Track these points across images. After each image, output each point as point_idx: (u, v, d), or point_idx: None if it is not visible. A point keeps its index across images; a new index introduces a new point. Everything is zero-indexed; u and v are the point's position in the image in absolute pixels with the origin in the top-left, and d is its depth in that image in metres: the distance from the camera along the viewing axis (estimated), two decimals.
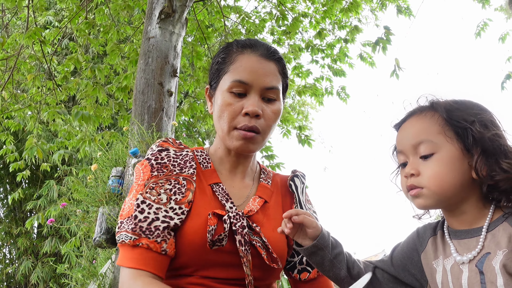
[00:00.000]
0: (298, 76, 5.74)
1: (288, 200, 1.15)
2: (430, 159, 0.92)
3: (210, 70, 1.17)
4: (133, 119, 2.90)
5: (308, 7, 5.47)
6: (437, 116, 0.95)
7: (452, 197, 0.92)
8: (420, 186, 0.93)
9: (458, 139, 0.92)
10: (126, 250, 0.96)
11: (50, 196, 6.77)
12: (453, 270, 0.92)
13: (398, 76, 4.33)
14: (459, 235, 0.94)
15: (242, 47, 1.10)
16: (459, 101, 0.98)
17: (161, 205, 0.98)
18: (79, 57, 4.40)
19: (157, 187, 1.01)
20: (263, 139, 1.08)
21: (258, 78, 1.05)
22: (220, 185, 1.08)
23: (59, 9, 7.01)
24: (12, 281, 8.36)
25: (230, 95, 1.06)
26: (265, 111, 1.06)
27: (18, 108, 5.02)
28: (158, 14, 3.08)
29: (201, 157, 1.13)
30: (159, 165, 1.05)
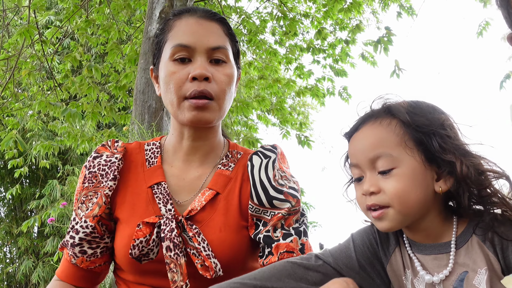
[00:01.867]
0: (299, 77, 5.73)
1: (249, 184, 0.98)
2: (390, 174, 0.81)
3: (151, 48, 1.08)
4: (134, 119, 2.90)
5: (310, 7, 5.47)
6: (394, 123, 0.83)
7: (416, 214, 0.82)
8: (384, 205, 0.81)
9: (420, 149, 0.81)
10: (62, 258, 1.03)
11: (53, 196, 6.77)
12: None
13: (398, 76, 4.32)
14: (424, 250, 0.85)
15: (178, 13, 1.00)
16: (416, 103, 0.86)
17: (88, 217, 0.98)
18: (76, 55, 4.39)
19: (87, 200, 0.98)
20: (220, 106, 0.95)
21: (200, 39, 0.94)
22: (162, 184, 0.97)
23: (60, 8, 7.02)
24: (12, 281, 8.37)
25: (173, 64, 0.94)
26: (215, 74, 0.94)
27: (19, 107, 5.03)
28: (158, 13, 3.08)
29: (150, 151, 1.03)
30: (90, 174, 0.99)
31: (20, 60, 4.57)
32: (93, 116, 4.53)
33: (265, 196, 0.95)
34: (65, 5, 5.16)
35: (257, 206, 0.95)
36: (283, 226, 0.94)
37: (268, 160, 0.99)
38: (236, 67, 1.02)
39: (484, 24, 5.30)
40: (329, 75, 5.65)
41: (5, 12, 5.39)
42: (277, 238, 0.92)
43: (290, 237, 0.93)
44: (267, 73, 5.43)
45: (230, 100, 0.99)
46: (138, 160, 1.02)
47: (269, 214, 0.94)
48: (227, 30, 1.00)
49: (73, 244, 0.96)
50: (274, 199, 0.95)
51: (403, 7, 5.28)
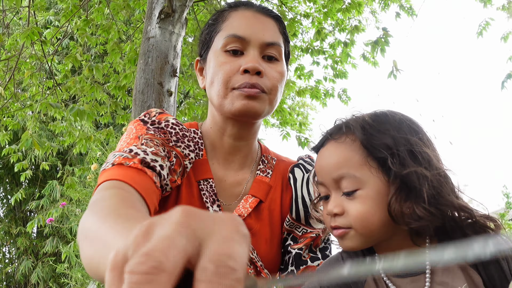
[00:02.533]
0: (299, 78, 5.72)
1: (289, 195, 0.95)
2: (354, 196, 0.77)
3: (199, 40, 0.99)
4: (133, 119, 2.90)
5: (310, 7, 5.47)
6: (357, 142, 0.78)
7: (380, 236, 0.78)
8: (345, 227, 0.77)
9: (384, 170, 0.76)
10: (107, 171, 0.74)
11: (53, 196, 6.77)
12: None
13: (396, 77, 4.32)
14: (400, 273, 0.79)
15: (235, 5, 0.95)
16: (380, 119, 0.80)
17: (158, 156, 0.80)
18: (77, 56, 4.39)
19: (153, 144, 0.82)
20: (271, 100, 0.88)
21: (255, 32, 0.88)
22: (209, 181, 0.90)
23: (59, 9, 7.02)
24: (11, 281, 8.36)
25: (224, 54, 0.88)
26: (268, 70, 0.88)
27: (19, 108, 5.02)
28: (158, 14, 3.07)
29: (193, 140, 0.93)
30: (154, 127, 0.87)
31: (20, 60, 4.56)
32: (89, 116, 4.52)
33: (304, 212, 0.93)
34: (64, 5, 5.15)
35: (293, 221, 0.93)
36: (311, 247, 0.93)
37: (309, 174, 0.97)
38: (287, 66, 0.98)
39: (484, 24, 5.29)
40: (329, 76, 5.64)
41: (5, 12, 5.39)
42: (305, 259, 0.91)
43: (317, 261, 0.91)
44: None
45: (279, 98, 0.93)
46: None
47: (300, 231, 0.92)
48: (282, 29, 0.95)
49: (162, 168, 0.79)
50: (311, 217, 0.92)
51: (403, 7, 5.28)
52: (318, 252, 0.93)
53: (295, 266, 0.90)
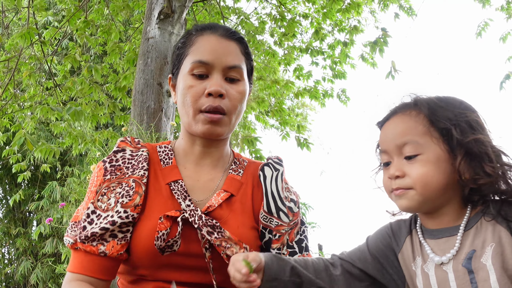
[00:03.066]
0: (298, 78, 5.72)
1: (260, 191, 1.08)
2: (415, 159, 0.88)
3: (171, 58, 1.13)
4: (132, 120, 2.90)
5: (309, 8, 5.47)
6: (422, 115, 0.91)
7: (436, 199, 0.88)
8: (406, 188, 0.89)
9: (444, 140, 0.88)
10: (71, 253, 0.97)
11: (53, 197, 6.76)
12: (437, 273, 0.88)
13: (394, 77, 4.33)
14: (435, 235, 0.91)
15: (201, 29, 1.07)
16: (444, 98, 0.94)
17: (109, 211, 0.96)
18: (76, 56, 4.39)
19: (109, 191, 0.98)
20: (230, 121, 1.03)
21: (219, 57, 1.01)
22: (179, 182, 1.03)
23: (59, 9, 7.01)
24: (11, 282, 8.35)
25: (191, 78, 1.02)
26: (229, 91, 1.02)
27: (19, 109, 5.01)
28: (157, 14, 3.08)
29: (163, 153, 1.09)
30: (113, 167, 1.02)
31: (20, 61, 4.56)
32: (94, 117, 4.52)
33: (275, 206, 1.04)
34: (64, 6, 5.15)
35: (266, 213, 1.04)
36: (288, 242, 1.04)
37: (277, 172, 1.09)
38: (249, 83, 1.09)
39: (483, 25, 5.30)
40: (328, 76, 5.64)
41: (4, 13, 5.39)
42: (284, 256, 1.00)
43: (295, 255, 1.03)
44: (265, 74, 5.42)
45: (241, 115, 1.07)
46: (155, 159, 1.07)
47: (273, 223, 1.03)
48: (244, 50, 1.07)
49: (104, 232, 0.94)
50: (281, 210, 1.04)
51: (402, 8, 5.28)
52: (294, 245, 1.04)
53: None
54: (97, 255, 0.94)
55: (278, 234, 1.03)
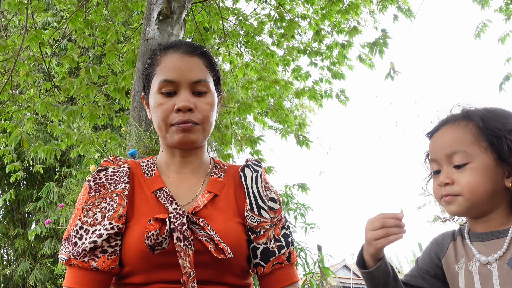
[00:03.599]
0: (296, 79, 5.72)
1: (242, 190, 1.14)
2: (464, 168, 0.95)
3: (142, 78, 1.19)
4: (131, 120, 2.90)
5: (307, 8, 5.47)
6: (471, 125, 0.97)
7: (483, 205, 0.95)
8: (455, 194, 0.96)
9: (492, 149, 0.94)
10: (67, 269, 1.02)
11: (50, 198, 6.74)
12: (481, 271, 0.94)
13: (393, 78, 4.33)
14: (483, 238, 0.98)
15: (164, 49, 1.13)
16: (492, 109, 1.00)
17: (96, 225, 1.02)
18: (74, 56, 4.38)
19: (94, 207, 1.04)
20: (204, 129, 1.09)
21: (183, 74, 1.07)
22: (164, 189, 1.09)
23: (58, 10, 7.01)
24: (9, 283, 8.33)
25: (160, 96, 1.08)
26: (198, 104, 1.08)
27: (17, 109, 5.00)
28: (156, 15, 3.08)
29: (146, 166, 1.16)
30: (97, 185, 1.08)
31: (18, 61, 4.55)
32: (92, 118, 4.51)
33: (256, 204, 1.11)
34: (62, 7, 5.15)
35: (249, 211, 1.10)
36: (275, 237, 1.10)
37: (257, 173, 1.16)
38: (217, 92, 1.16)
39: (482, 26, 5.31)
40: (326, 76, 5.64)
41: (3, 13, 5.38)
42: (273, 250, 1.08)
43: (282, 249, 1.09)
44: (265, 75, 5.42)
45: (213, 123, 1.13)
46: (138, 172, 1.14)
47: (255, 221, 1.09)
48: (208, 63, 1.12)
49: (94, 247, 1.00)
50: (261, 208, 1.11)
51: (401, 9, 5.29)
52: (281, 238, 1.10)
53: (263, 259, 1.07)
54: (89, 270, 0.99)
55: (262, 230, 1.09)
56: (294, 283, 1.09)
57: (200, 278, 1.00)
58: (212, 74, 1.13)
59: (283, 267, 1.08)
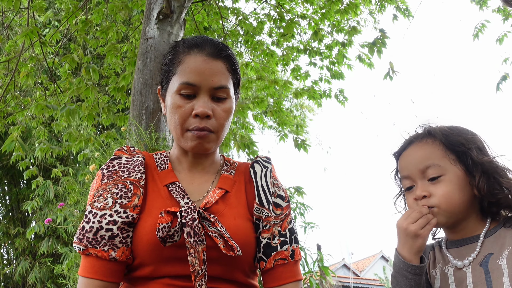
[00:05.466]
0: (296, 79, 5.73)
1: (252, 186, 1.14)
2: (438, 180, 1.02)
3: (160, 71, 1.18)
4: (131, 120, 2.91)
5: (307, 8, 5.48)
6: (437, 141, 1.05)
7: (458, 213, 1.02)
8: (432, 206, 1.02)
9: (460, 162, 1.02)
10: (82, 259, 1.01)
11: (47, 197, 6.74)
12: (456, 274, 1.02)
13: (392, 78, 4.35)
14: (459, 244, 1.05)
15: (188, 47, 1.10)
16: (452, 127, 1.09)
17: (106, 210, 1.00)
18: (74, 57, 4.38)
19: (105, 192, 1.03)
20: (218, 137, 1.09)
21: (205, 79, 1.06)
22: (176, 184, 1.09)
23: (58, 8, 7.02)
24: (9, 282, 8.34)
25: (179, 97, 1.07)
26: (216, 111, 1.07)
27: (20, 110, 5.00)
28: (156, 15, 3.09)
29: (159, 159, 1.16)
30: (109, 172, 1.08)
31: (20, 62, 4.55)
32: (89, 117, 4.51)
33: (265, 198, 1.11)
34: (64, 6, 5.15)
35: (258, 205, 1.10)
36: (280, 232, 1.10)
37: (266, 169, 1.16)
38: (235, 96, 1.15)
39: (480, 26, 5.33)
40: (326, 76, 5.65)
41: (4, 14, 5.39)
42: (275, 245, 1.08)
43: (285, 245, 1.09)
44: (264, 74, 5.43)
45: (227, 129, 1.13)
46: (151, 164, 1.14)
47: (264, 214, 1.09)
48: (230, 67, 1.11)
49: (112, 236, 0.99)
50: (270, 203, 1.11)
51: (399, 9, 5.30)
52: (287, 233, 1.10)
53: (265, 253, 1.08)
54: (108, 260, 0.99)
55: (268, 225, 1.09)
56: (296, 281, 1.08)
57: (209, 273, 1.00)
58: (233, 78, 1.12)
59: (286, 263, 1.07)
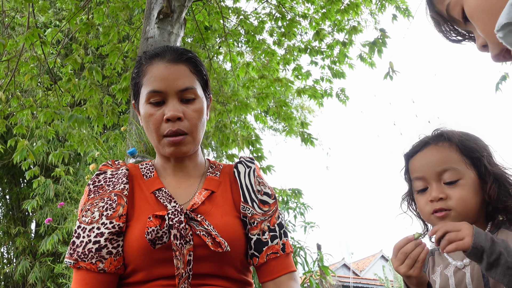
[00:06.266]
0: (297, 78, 5.72)
1: (237, 185, 1.18)
2: (456, 184, 1.04)
3: (131, 87, 1.22)
4: (131, 119, 2.91)
5: (308, 8, 5.48)
6: (454, 146, 1.07)
7: (472, 217, 1.04)
8: (448, 209, 1.03)
9: (474, 167, 1.05)
10: (73, 273, 1.04)
11: (47, 196, 6.74)
12: (456, 274, 1.04)
13: (392, 78, 4.35)
14: None
15: (150, 57, 1.14)
16: (465, 133, 1.11)
17: (93, 223, 1.03)
18: (77, 58, 4.39)
19: (92, 207, 1.06)
20: (194, 138, 1.12)
21: (170, 84, 1.09)
22: (162, 190, 1.13)
23: (59, 8, 7.02)
24: (10, 281, 8.35)
25: (149, 106, 1.10)
26: (186, 112, 1.10)
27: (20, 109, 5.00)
28: (156, 14, 3.09)
29: (145, 169, 1.19)
30: (96, 187, 1.11)
31: (21, 62, 4.55)
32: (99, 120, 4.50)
33: (249, 197, 1.14)
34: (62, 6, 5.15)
35: (243, 203, 1.14)
36: (269, 227, 1.12)
37: (250, 169, 1.20)
38: (206, 95, 1.18)
39: None
40: (327, 75, 5.64)
41: (5, 13, 5.39)
42: (266, 240, 1.10)
43: (275, 239, 1.12)
44: (266, 73, 5.42)
45: (203, 129, 1.16)
46: (137, 174, 1.18)
47: (250, 212, 1.13)
48: (194, 68, 1.14)
49: (99, 248, 1.01)
50: (254, 201, 1.14)
51: (399, 9, 5.29)
52: (276, 227, 1.13)
53: (256, 249, 1.10)
54: (97, 272, 1.01)
55: (255, 222, 1.12)
56: (290, 272, 1.10)
57: (201, 271, 1.03)
58: (199, 79, 1.15)
59: (278, 257, 1.10)
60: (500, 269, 0.88)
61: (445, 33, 0.74)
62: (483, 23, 0.62)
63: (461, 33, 0.73)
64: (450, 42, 0.76)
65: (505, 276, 0.89)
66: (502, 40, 0.55)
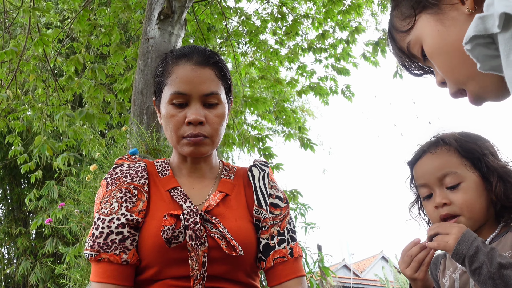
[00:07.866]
0: (302, 75, 5.70)
1: (251, 189, 1.18)
2: (458, 188, 1.03)
3: (154, 83, 1.21)
4: (132, 119, 2.91)
5: (310, 8, 5.48)
6: (452, 149, 1.06)
7: (482, 219, 1.03)
8: (456, 214, 1.03)
9: (475, 168, 1.04)
10: (93, 265, 1.03)
11: (51, 197, 6.75)
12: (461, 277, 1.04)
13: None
14: None
15: (176, 58, 1.13)
16: (464, 133, 1.10)
17: (113, 214, 1.03)
18: (79, 58, 4.39)
19: (110, 198, 1.06)
20: (213, 142, 1.12)
21: (195, 87, 1.08)
22: (178, 189, 1.12)
23: (60, 9, 7.03)
24: (10, 282, 8.36)
25: (171, 107, 1.10)
26: (208, 117, 1.10)
27: (23, 108, 5.01)
28: (157, 15, 3.09)
29: (160, 166, 1.19)
30: (113, 180, 1.11)
31: (22, 61, 4.56)
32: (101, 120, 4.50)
33: (263, 200, 1.14)
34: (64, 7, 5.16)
35: (256, 207, 1.13)
36: (279, 231, 1.12)
37: (264, 172, 1.20)
38: (228, 100, 1.18)
39: None
40: (331, 74, 5.62)
41: (7, 13, 5.40)
42: (274, 244, 1.10)
43: (283, 243, 1.11)
44: (268, 73, 5.41)
45: (222, 133, 1.16)
46: (153, 171, 1.17)
47: (262, 215, 1.12)
48: (219, 73, 1.13)
49: (123, 238, 1.01)
50: (267, 205, 1.14)
51: None
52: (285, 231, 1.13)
53: (264, 253, 1.10)
54: (120, 264, 1.00)
55: (266, 226, 1.12)
56: (298, 277, 1.09)
57: (212, 273, 1.03)
58: (223, 83, 1.14)
59: (286, 261, 1.09)
60: (482, 278, 0.90)
61: (407, 67, 0.78)
62: (441, 63, 0.66)
63: (422, 67, 0.77)
64: (412, 75, 0.80)
65: (486, 285, 0.90)
66: (469, 53, 0.55)
